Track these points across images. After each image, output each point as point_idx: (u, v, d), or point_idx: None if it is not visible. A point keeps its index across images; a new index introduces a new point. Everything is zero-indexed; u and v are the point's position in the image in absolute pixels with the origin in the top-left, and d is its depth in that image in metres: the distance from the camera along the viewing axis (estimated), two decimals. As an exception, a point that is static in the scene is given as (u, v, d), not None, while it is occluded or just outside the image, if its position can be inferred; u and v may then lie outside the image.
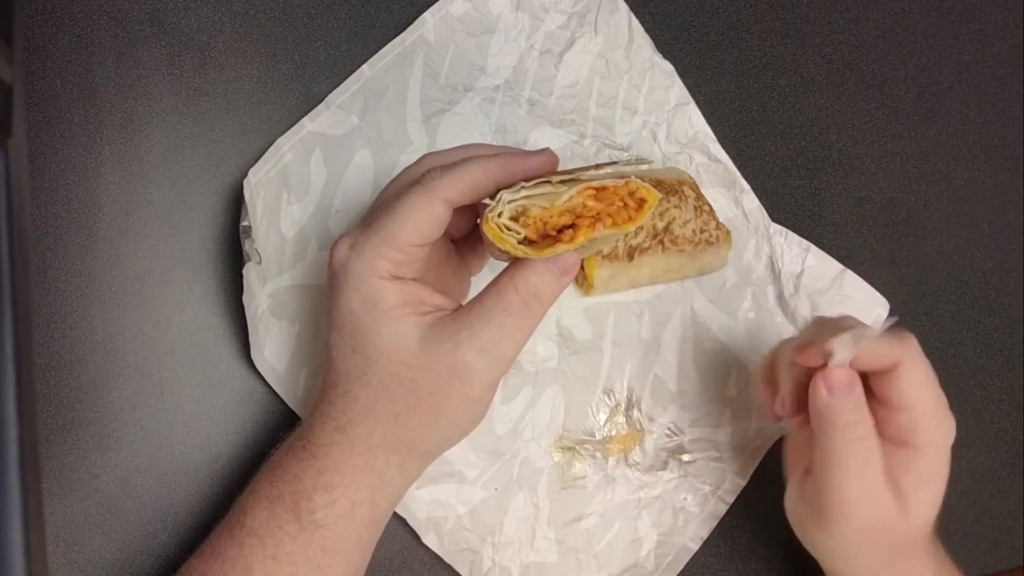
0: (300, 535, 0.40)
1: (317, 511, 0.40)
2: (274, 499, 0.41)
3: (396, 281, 0.40)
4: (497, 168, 0.40)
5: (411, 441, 0.41)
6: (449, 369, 0.39)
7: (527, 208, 0.38)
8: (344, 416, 0.41)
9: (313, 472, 0.41)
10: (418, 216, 0.39)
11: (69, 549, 0.47)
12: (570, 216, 0.38)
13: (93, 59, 0.49)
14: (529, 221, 0.38)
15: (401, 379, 0.40)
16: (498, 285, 0.40)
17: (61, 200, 0.48)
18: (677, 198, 0.52)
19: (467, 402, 0.40)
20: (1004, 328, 0.60)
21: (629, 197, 0.39)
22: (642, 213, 0.39)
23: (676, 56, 0.56)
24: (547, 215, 0.38)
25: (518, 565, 0.51)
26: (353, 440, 0.41)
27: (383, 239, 0.40)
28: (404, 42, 0.53)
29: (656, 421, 0.54)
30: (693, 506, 0.54)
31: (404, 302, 0.40)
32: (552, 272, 0.40)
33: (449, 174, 0.40)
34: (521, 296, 0.40)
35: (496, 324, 0.39)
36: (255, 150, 0.51)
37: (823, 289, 0.56)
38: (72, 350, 0.48)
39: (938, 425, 0.45)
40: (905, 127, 0.60)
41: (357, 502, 0.41)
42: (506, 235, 0.38)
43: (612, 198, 0.38)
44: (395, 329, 0.40)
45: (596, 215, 0.38)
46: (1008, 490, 0.59)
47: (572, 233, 0.38)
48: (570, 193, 0.38)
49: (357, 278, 0.40)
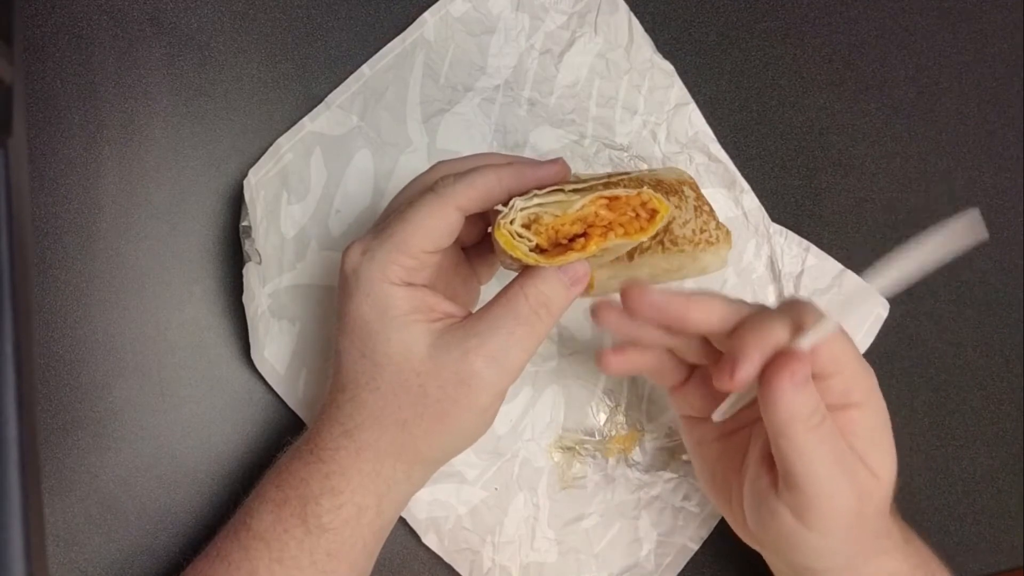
0: (306, 539, 0.40)
1: (323, 515, 0.40)
2: (280, 503, 0.41)
3: (407, 287, 0.40)
4: (510, 176, 0.40)
5: (418, 448, 0.41)
6: (457, 377, 0.39)
7: (539, 216, 0.38)
8: (352, 421, 0.41)
9: (320, 476, 0.41)
10: (430, 223, 0.40)
11: (69, 549, 0.47)
12: (582, 225, 0.38)
13: (93, 59, 0.49)
14: (541, 229, 0.38)
15: (409, 386, 0.40)
16: (508, 294, 0.40)
17: (61, 200, 0.48)
18: (677, 198, 0.52)
19: (475, 410, 0.40)
20: (1004, 328, 0.60)
21: (641, 207, 0.39)
22: (654, 224, 0.39)
23: (676, 56, 0.56)
24: (559, 223, 0.38)
25: (518, 565, 0.51)
26: (360, 445, 0.41)
27: (395, 245, 0.40)
28: (404, 42, 0.53)
29: (656, 421, 0.54)
30: (693, 506, 0.54)
31: (414, 308, 0.40)
32: (562, 282, 0.40)
33: (462, 181, 0.40)
34: (531, 305, 0.40)
35: (505, 333, 0.39)
36: (255, 150, 0.51)
37: (823, 289, 0.56)
38: (72, 350, 0.48)
39: (865, 374, 0.42)
40: (905, 127, 0.60)
41: (363, 508, 0.41)
42: (518, 242, 0.38)
43: (624, 208, 0.39)
44: (405, 335, 0.40)
45: (608, 225, 0.39)
46: (1008, 490, 0.59)
47: (584, 242, 0.38)
48: (583, 202, 0.38)
49: (368, 283, 0.40)
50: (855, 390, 0.42)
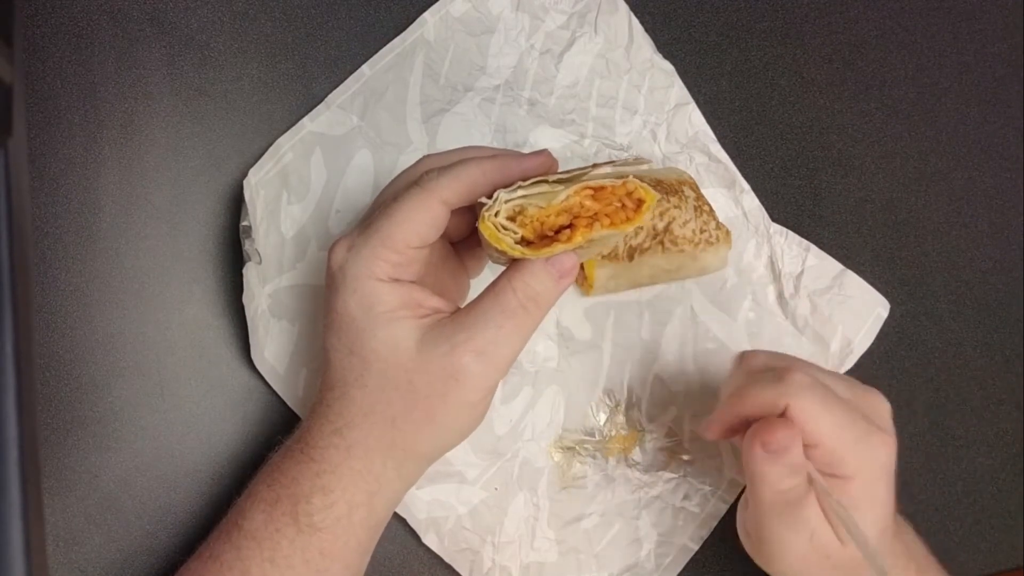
0: (298, 538, 0.40)
1: (315, 514, 0.40)
2: (272, 502, 0.41)
3: (393, 283, 0.40)
4: (494, 169, 0.40)
5: (408, 444, 0.41)
6: (445, 372, 0.39)
7: (524, 208, 0.38)
8: (341, 419, 0.41)
9: (311, 475, 0.41)
10: (415, 217, 0.39)
11: (69, 549, 0.47)
12: (567, 216, 0.38)
13: (93, 59, 0.49)
14: (526, 221, 0.38)
15: (398, 382, 0.40)
16: (496, 288, 0.40)
17: (61, 200, 0.48)
18: (677, 198, 0.52)
19: (464, 406, 0.40)
20: (1004, 328, 0.60)
21: (627, 197, 0.38)
22: (640, 213, 0.38)
23: (676, 56, 0.56)
24: (544, 215, 0.38)
25: (518, 565, 0.51)
26: (350, 443, 0.41)
27: (380, 240, 0.39)
28: (404, 42, 0.53)
29: (656, 421, 0.54)
30: (693, 506, 0.54)
31: (401, 304, 0.40)
32: (550, 275, 0.39)
33: (446, 175, 0.40)
34: (519, 299, 0.39)
35: (494, 327, 0.39)
36: (255, 150, 0.51)
37: (823, 289, 0.56)
38: (72, 350, 0.48)
39: (858, 452, 0.43)
40: (905, 127, 0.60)
41: (354, 505, 0.41)
42: (502, 235, 0.38)
43: (610, 198, 0.38)
44: (392, 332, 0.39)
45: (594, 215, 0.38)
46: (1008, 490, 0.59)
47: (569, 233, 0.37)
48: (567, 192, 0.38)
49: (354, 280, 0.40)
50: (839, 464, 0.43)
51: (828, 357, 0.56)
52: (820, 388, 0.43)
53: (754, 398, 0.43)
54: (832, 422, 0.42)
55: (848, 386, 0.45)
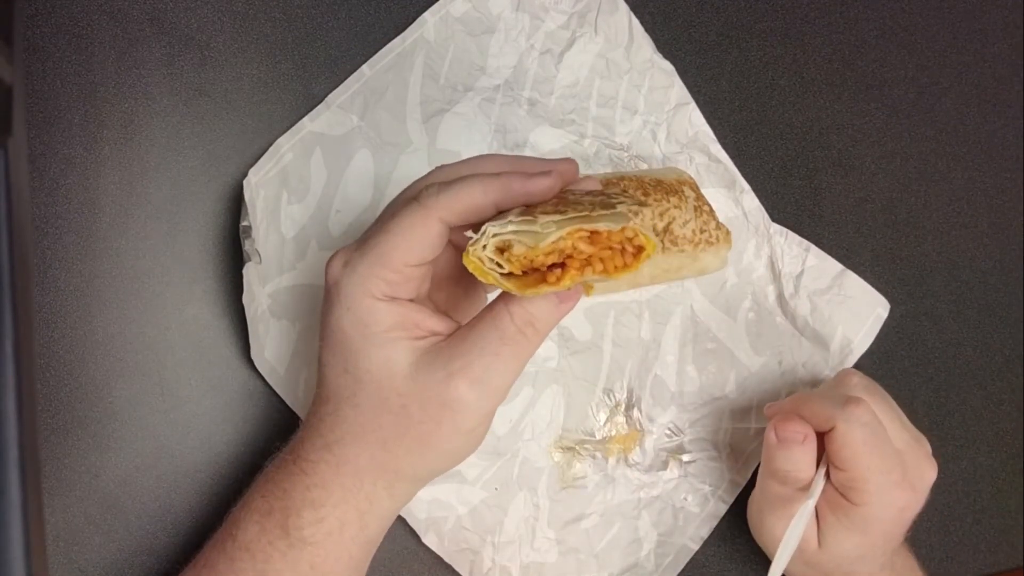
0: (289, 552, 0.40)
1: (305, 528, 0.40)
2: (265, 513, 0.40)
3: (390, 302, 0.39)
4: (497, 189, 0.38)
5: (399, 467, 0.40)
6: (440, 400, 0.38)
7: (511, 243, 0.36)
8: (332, 435, 0.40)
9: (302, 488, 0.40)
10: (412, 235, 0.38)
11: (69, 549, 0.47)
12: (559, 255, 0.35)
13: (93, 59, 0.49)
14: (512, 258, 0.36)
15: (391, 405, 0.39)
16: (493, 311, 0.38)
17: (61, 200, 0.48)
18: (677, 198, 0.52)
19: (459, 433, 0.39)
20: (1004, 328, 0.61)
21: (627, 242, 0.36)
22: (639, 261, 0.36)
23: (676, 56, 0.56)
24: (533, 254, 0.35)
25: (518, 565, 0.51)
26: (340, 460, 0.40)
27: (376, 258, 0.38)
28: (404, 42, 0.53)
29: (656, 421, 0.54)
30: (693, 506, 0.54)
31: (397, 324, 0.39)
32: (550, 300, 0.38)
33: (446, 193, 0.38)
34: (516, 324, 0.38)
35: (490, 354, 0.38)
36: (255, 150, 0.51)
37: (823, 289, 0.56)
38: (72, 350, 0.48)
39: (877, 491, 0.46)
40: (905, 127, 0.60)
41: (345, 522, 0.40)
42: (488, 269, 0.36)
43: (607, 242, 0.36)
44: (386, 353, 0.38)
45: (587, 259, 0.36)
46: (1008, 490, 0.59)
47: (560, 274, 0.35)
48: (558, 234, 0.35)
49: (348, 298, 0.39)
50: (856, 493, 0.46)
51: (828, 357, 0.56)
52: (872, 428, 0.46)
53: (814, 406, 0.47)
54: (866, 462, 0.46)
55: (909, 439, 0.49)
